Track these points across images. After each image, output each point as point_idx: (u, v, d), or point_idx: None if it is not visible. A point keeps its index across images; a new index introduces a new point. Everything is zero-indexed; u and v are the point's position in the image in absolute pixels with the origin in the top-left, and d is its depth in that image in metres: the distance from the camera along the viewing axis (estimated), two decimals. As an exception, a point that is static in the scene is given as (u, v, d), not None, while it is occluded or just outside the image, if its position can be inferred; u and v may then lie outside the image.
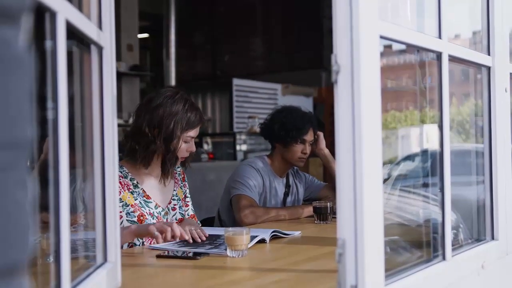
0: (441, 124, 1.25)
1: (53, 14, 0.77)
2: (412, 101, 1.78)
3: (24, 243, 0.46)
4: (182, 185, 2.09)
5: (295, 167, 2.62)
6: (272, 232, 1.82)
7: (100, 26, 1.07)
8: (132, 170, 1.93)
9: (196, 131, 1.94)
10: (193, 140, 1.96)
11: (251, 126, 6.16)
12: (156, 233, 1.62)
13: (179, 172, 2.10)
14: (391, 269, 1.05)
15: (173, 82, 7.29)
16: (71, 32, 0.85)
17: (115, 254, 1.11)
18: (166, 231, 1.62)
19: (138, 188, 1.92)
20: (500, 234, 1.50)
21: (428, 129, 1.54)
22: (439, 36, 1.24)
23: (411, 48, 1.34)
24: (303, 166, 2.56)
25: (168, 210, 1.99)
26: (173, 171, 2.00)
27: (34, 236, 0.50)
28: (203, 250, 1.61)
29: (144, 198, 1.91)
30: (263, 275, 1.39)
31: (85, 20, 0.95)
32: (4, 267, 0.44)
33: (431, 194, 1.49)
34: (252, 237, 1.68)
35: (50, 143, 0.79)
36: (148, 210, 1.90)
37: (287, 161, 2.50)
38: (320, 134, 2.58)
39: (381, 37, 1.00)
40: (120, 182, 1.86)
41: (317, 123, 2.57)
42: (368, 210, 0.93)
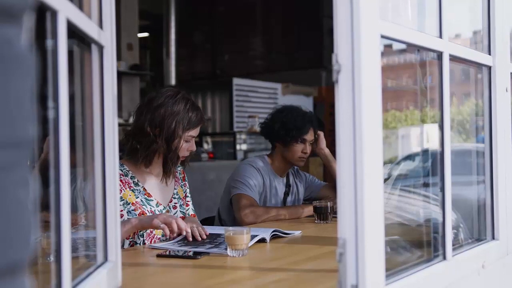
0: (441, 123, 1.25)
1: (54, 13, 0.77)
2: (412, 101, 1.78)
3: (25, 242, 0.46)
4: (182, 184, 2.09)
5: (296, 167, 2.62)
6: (273, 232, 1.82)
7: (100, 25, 1.07)
8: (133, 168, 1.94)
9: (197, 130, 1.95)
10: (194, 140, 1.96)
11: (251, 125, 6.16)
12: (162, 225, 1.65)
13: (179, 171, 2.10)
14: (391, 268, 1.05)
15: (173, 82, 7.29)
16: (72, 31, 0.85)
17: (115, 253, 1.11)
18: (171, 223, 1.66)
19: (139, 186, 1.92)
20: (501, 234, 1.50)
21: (429, 129, 1.54)
22: (440, 36, 1.24)
23: (411, 48, 1.34)
24: (303, 165, 2.56)
25: (169, 208, 1.99)
26: (174, 170, 2.00)
27: (35, 235, 0.50)
28: (204, 250, 1.61)
29: (145, 196, 1.92)
30: (264, 274, 1.39)
31: (85, 19, 0.95)
32: (5, 266, 0.44)
33: (431, 193, 1.49)
34: (252, 237, 1.69)
35: (51, 142, 0.79)
36: (149, 208, 1.90)
37: (288, 160, 2.50)
38: (321, 133, 2.58)
39: (382, 36, 1.00)
40: (121, 180, 1.87)
41: (318, 122, 2.57)
42: (369, 209, 0.93)
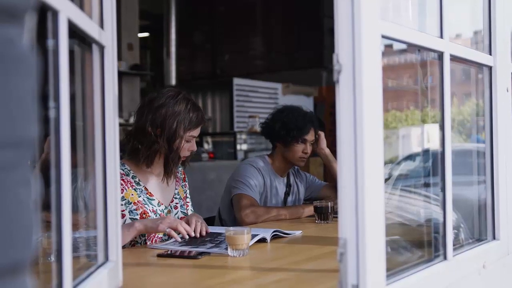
0: (442, 123, 1.25)
1: (55, 13, 0.77)
2: (413, 101, 1.78)
3: (27, 242, 0.46)
4: (183, 185, 2.10)
5: (296, 167, 2.62)
6: (273, 232, 1.82)
7: (101, 25, 1.07)
8: (134, 168, 1.94)
9: (197, 130, 1.96)
10: (195, 140, 1.97)
11: (251, 125, 6.16)
12: (168, 229, 1.70)
13: (180, 172, 2.11)
14: (392, 268, 1.05)
15: (173, 82, 7.29)
16: (72, 31, 0.85)
17: (116, 253, 1.11)
18: (177, 227, 1.71)
19: (141, 186, 1.92)
20: (501, 234, 1.50)
21: (429, 129, 1.54)
22: (441, 36, 1.24)
23: (412, 48, 1.34)
24: (304, 165, 2.56)
25: (171, 208, 2.00)
26: (176, 170, 2.01)
27: (37, 235, 0.50)
28: (204, 250, 1.61)
29: (147, 195, 1.92)
30: (264, 274, 1.39)
31: (86, 19, 0.95)
32: (7, 265, 0.44)
33: (432, 194, 1.49)
34: (253, 236, 1.69)
35: (52, 142, 0.79)
36: (152, 207, 1.91)
37: (288, 160, 2.50)
38: (321, 133, 2.58)
39: (383, 36, 1.00)
40: (123, 180, 1.87)
41: (318, 122, 2.57)
42: (370, 209, 0.93)
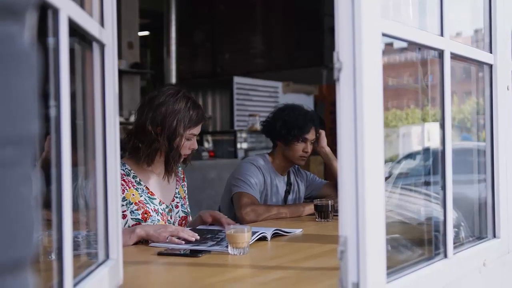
0: (442, 122, 1.25)
1: (55, 11, 0.77)
2: (413, 99, 1.78)
3: (28, 239, 0.46)
4: (183, 185, 2.10)
5: (297, 165, 2.62)
6: (274, 231, 1.82)
7: (102, 23, 1.07)
8: (135, 167, 1.94)
9: (198, 128, 1.95)
10: (195, 138, 1.97)
11: (251, 124, 6.16)
12: (169, 237, 1.69)
13: (180, 172, 2.11)
14: (392, 266, 1.06)
15: (173, 80, 7.30)
16: (73, 29, 0.85)
17: (117, 251, 1.11)
18: (179, 234, 1.70)
19: (141, 185, 1.92)
20: (502, 232, 1.50)
21: (430, 127, 1.54)
22: (441, 34, 1.24)
23: (412, 46, 1.34)
24: (304, 164, 2.56)
25: (172, 207, 2.00)
26: (176, 168, 2.01)
27: (38, 233, 0.50)
28: (205, 248, 1.61)
29: (148, 195, 1.92)
30: (265, 272, 1.40)
31: (87, 17, 0.95)
32: (9, 262, 0.44)
33: (432, 192, 1.49)
34: (253, 234, 1.69)
35: (52, 140, 0.79)
36: (153, 206, 1.91)
37: (288, 159, 2.50)
38: (322, 132, 2.57)
39: (383, 34, 1.00)
40: (124, 180, 1.87)
41: (319, 121, 2.57)
42: (370, 207, 0.93)
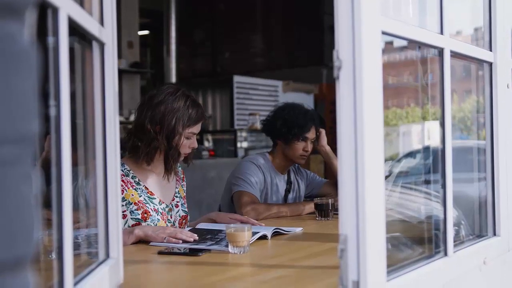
0: (442, 120, 1.25)
1: (55, 10, 0.77)
2: (413, 98, 1.78)
3: (28, 237, 0.47)
4: (182, 184, 2.10)
5: (297, 164, 2.62)
6: (274, 230, 1.82)
7: (101, 22, 1.07)
8: (134, 167, 1.94)
9: (197, 127, 1.95)
10: (195, 137, 1.96)
11: (252, 123, 6.15)
12: (167, 238, 1.69)
13: (180, 172, 2.11)
14: (393, 265, 1.06)
15: (173, 79, 7.29)
16: (72, 28, 0.85)
17: (117, 250, 1.11)
18: (176, 235, 1.69)
19: (141, 185, 1.92)
20: (502, 230, 1.50)
21: (430, 126, 1.54)
22: (441, 32, 1.24)
23: (412, 45, 1.34)
24: (304, 163, 2.56)
25: (172, 207, 2.00)
26: (175, 167, 2.00)
27: (38, 231, 0.50)
28: (205, 247, 1.61)
29: (148, 194, 1.92)
30: (265, 271, 1.40)
31: (87, 16, 0.95)
32: (9, 260, 0.44)
33: (432, 190, 1.50)
34: (253, 233, 1.69)
35: (52, 140, 0.79)
36: (153, 206, 1.91)
37: (289, 158, 2.50)
38: (322, 131, 2.57)
39: (383, 32, 1.00)
40: (123, 180, 1.87)
41: (319, 120, 2.57)
42: (370, 206, 0.93)
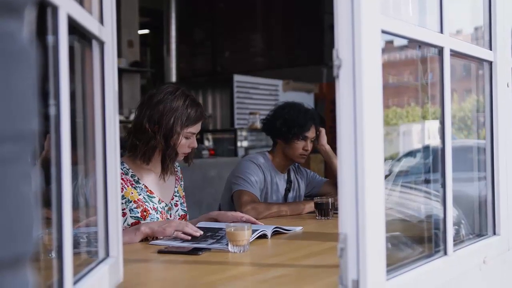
0: (442, 119, 1.25)
1: (54, 9, 0.77)
2: (413, 97, 1.78)
3: (28, 235, 0.47)
4: (181, 184, 2.10)
5: (297, 163, 2.62)
6: (274, 229, 1.82)
7: (101, 21, 1.07)
8: (133, 166, 1.94)
9: (197, 127, 1.94)
10: (195, 136, 1.96)
11: (252, 122, 6.15)
12: (175, 233, 1.70)
13: (178, 171, 2.11)
14: (392, 264, 1.06)
15: (173, 79, 7.29)
16: (72, 27, 0.85)
17: (117, 249, 1.11)
18: (184, 229, 1.70)
19: (140, 184, 1.92)
20: (502, 230, 1.50)
21: (430, 125, 1.54)
22: (441, 31, 1.24)
23: (412, 44, 1.34)
24: (304, 162, 2.56)
25: (171, 206, 2.00)
26: (173, 166, 2.01)
27: (38, 230, 0.50)
28: (205, 246, 1.61)
29: (147, 193, 1.92)
30: (265, 270, 1.40)
31: (86, 15, 0.95)
32: (9, 258, 0.44)
33: (432, 190, 1.49)
34: (253, 232, 1.69)
35: (52, 139, 0.79)
36: (152, 205, 1.91)
37: (289, 157, 2.50)
38: (322, 130, 2.57)
39: (383, 31, 1.00)
40: (122, 179, 1.87)
41: (319, 119, 2.57)
42: (370, 205, 0.93)
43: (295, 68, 7.45)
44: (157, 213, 1.91)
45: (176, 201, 2.03)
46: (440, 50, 1.24)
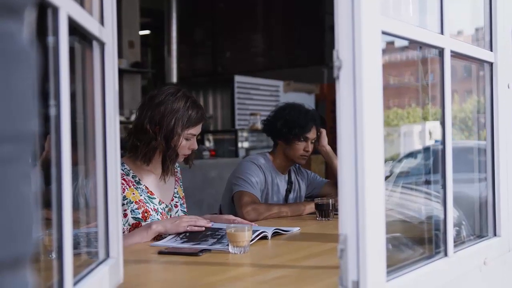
0: (443, 120, 1.25)
1: (55, 10, 0.77)
2: (414, 98, 1.78)
3: (28, 235, 0.47)
4: (181, 184, 2.10)
5: (297, 164, 2.62)
6: (274, 230, 1.82)
7: (102, 22, 1.07)
8: (134, 167, 1.94)
9: (197, 128, 1.94)
10: (195, 138, 1.96)
11: (252, 123, 6.15)
12: (189, 227, 1.76)
13: (178, 172, 2.11)
14: (392, 265, 1.06)
15: (174, 79, 7.29)
16: (73, 28, 0.85)
17: (117, 250, 1.11)
18: (196, 223, 1.77)
19: (141, 185, 1.92)
20: (502, 231, 1.50)
21: (430, 126, 1.54)
22: (441, 32, 1.24)
23: (413, 45, 1.34)
24: (305, 163, 2.56)
25: (171, 207, 2.00)
26: (173, 168, 2.01)
27: (38, 230, 0.50)
28: (205, 247, 1.61)
29: (148, 194, 1.92)
30: (265, 271, 1.40)
31: (87, 16, 0.95)
32: (9, 259, 0.44)
33: (433, 191, 1.49)
34: (254, 232, 1.69)
35: (52, 140, 0.79)
36: (153, 206, 1.91)
37: (289, 158, 2.50)
38: (323, 130, 2.57)
39: (383, 32, 1.00)
40: (124, 179, 1.87)
41: (320, 120, 2.57)
42: (370, 206, 0.93)
43: (295, 69, 7.46)
44: (157, 214, 1.91)
45: (176, 202, 2.03)
46: (441, 51, 1.24)
